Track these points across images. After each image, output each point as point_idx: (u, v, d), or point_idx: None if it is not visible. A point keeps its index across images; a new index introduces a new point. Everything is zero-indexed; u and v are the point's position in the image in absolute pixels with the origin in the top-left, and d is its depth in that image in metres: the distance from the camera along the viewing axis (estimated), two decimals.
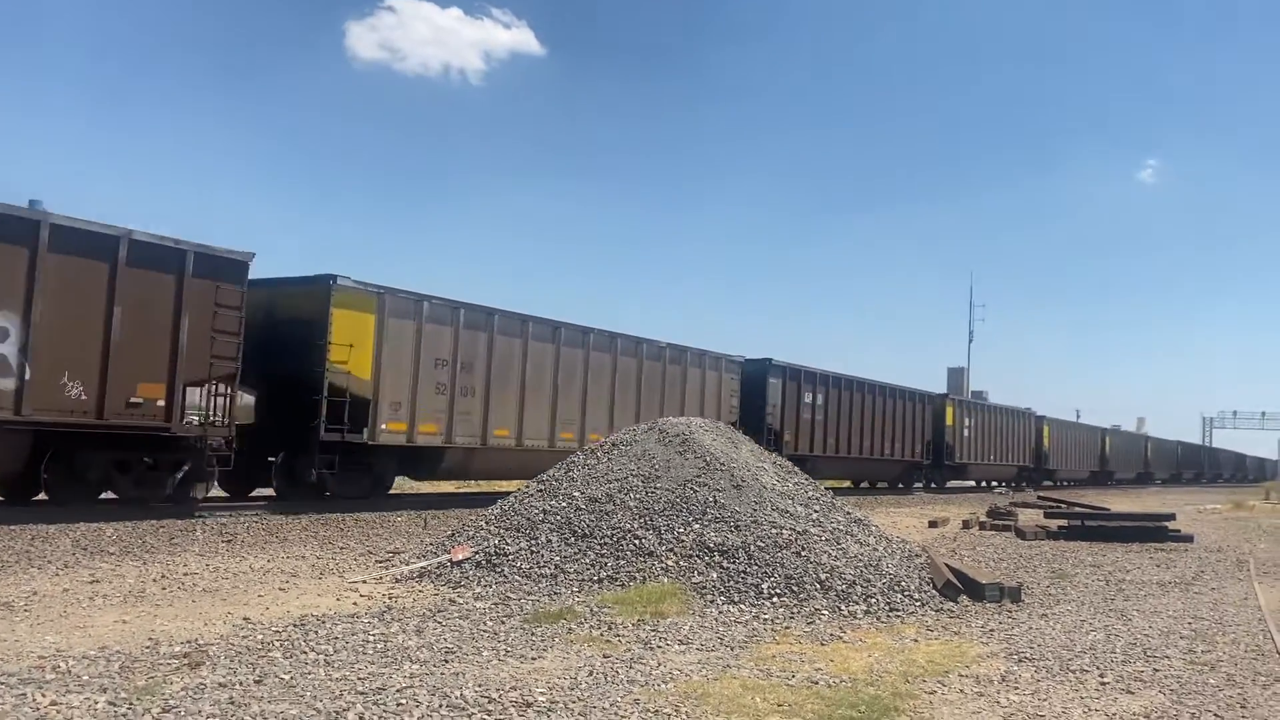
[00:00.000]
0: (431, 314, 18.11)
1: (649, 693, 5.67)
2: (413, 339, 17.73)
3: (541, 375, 20.42)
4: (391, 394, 17.41)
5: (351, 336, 16.58)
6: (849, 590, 8.92)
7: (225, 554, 11.09)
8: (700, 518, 9.91)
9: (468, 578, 9.36)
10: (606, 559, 9.45)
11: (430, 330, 18.03)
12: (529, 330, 20.14)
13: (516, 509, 10.60)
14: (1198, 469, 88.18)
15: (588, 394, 21.55)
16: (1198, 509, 31.09)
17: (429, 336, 18.00)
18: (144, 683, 5.38)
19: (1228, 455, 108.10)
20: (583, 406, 21.43)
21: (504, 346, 19.49)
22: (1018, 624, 8.49)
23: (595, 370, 21.82)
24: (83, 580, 8.91)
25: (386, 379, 17.23)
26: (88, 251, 13.24)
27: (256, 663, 5.96)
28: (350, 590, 8.94)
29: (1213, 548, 16.83)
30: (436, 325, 18.19)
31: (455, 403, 18.51)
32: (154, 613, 7.54)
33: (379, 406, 17.19)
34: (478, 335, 18.93)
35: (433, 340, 18.09)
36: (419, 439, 17.99)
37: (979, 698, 5.93)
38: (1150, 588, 11.37)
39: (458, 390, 18.52)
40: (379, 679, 5.68)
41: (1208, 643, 7.99)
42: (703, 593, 8.79)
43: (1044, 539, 16.98)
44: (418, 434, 17.92)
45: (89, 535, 11.69)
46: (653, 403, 23.13)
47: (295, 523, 14.40)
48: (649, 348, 23.72)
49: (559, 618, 7.68)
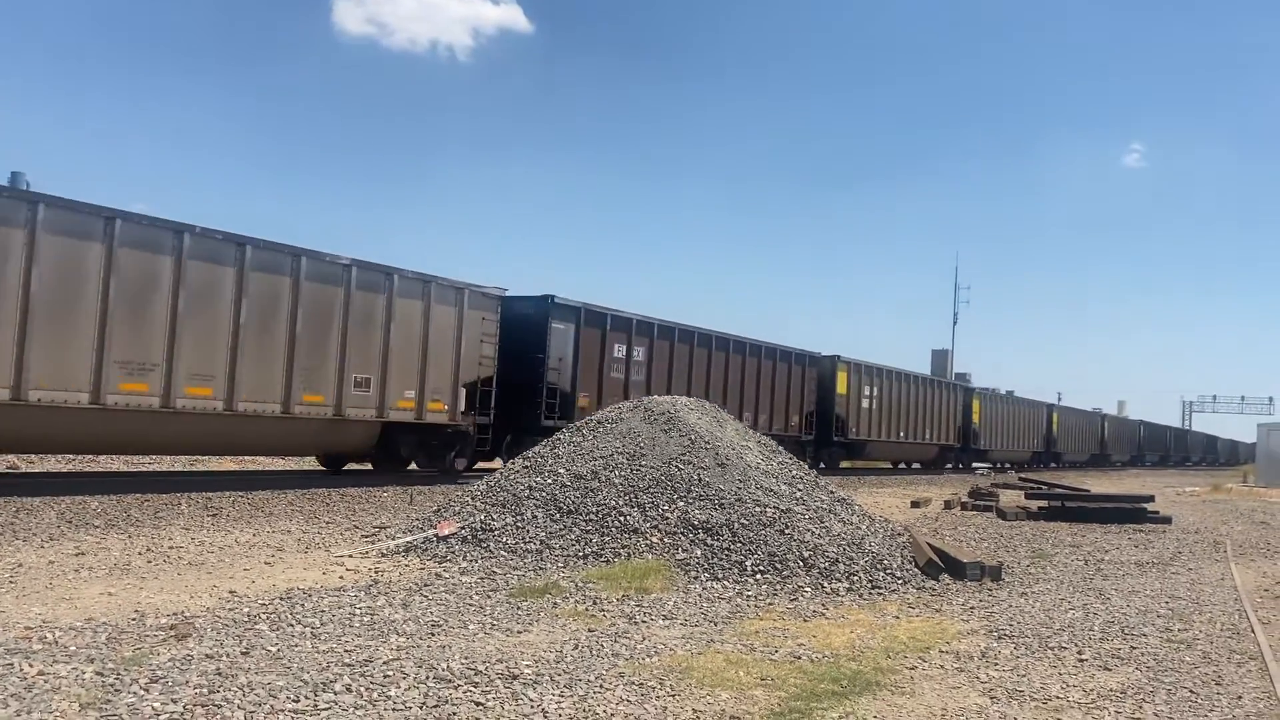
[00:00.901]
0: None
1: (634, 666, 5.73)
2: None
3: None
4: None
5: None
6: (832, 568, 9.00)
7: (211, 528, 11.10)
8: (685, 495, 9.97)
9: (453, 553, 9.41)
10: (592, 535, 9.51)
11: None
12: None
13: (502, 485, 10.64)
14: (1162, 451, 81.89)
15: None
16: (1176, 492, 31.43)
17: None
18: (131, 654, 5.41)
19: (1197, 437, 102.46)
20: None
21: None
22: (998, 602, 8.60)
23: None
24: (68, 553, 8.91)
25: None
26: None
27: (243, 635, 5.99)
28: (336, 564, 8.97)
29: (1190, 529, 17.04)
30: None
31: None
32: (140, 585, 7.55)
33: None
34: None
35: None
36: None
37: (959, 673, 6.01)
38: (1129, 568, 11.51)
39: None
40: (366, 651, 5.72)
41: (1184, 622, 8.11)
42: (687, 569, 8.86)
43: (1025, 519, 17.15)
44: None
45: (74, 508, 11.67)
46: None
47: (281, 497, 14.40)
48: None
49: (544, 592, 7.73)
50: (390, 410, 17.43)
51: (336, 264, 16.48)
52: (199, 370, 14.52)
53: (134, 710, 4.44)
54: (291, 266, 15.73)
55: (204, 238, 14.56)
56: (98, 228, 13.34)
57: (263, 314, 15.36)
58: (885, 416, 34.37)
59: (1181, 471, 69.00)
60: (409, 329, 17.68)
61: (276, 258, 15.55)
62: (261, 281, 15.29)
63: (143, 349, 13.84)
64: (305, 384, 15.94)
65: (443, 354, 18.37)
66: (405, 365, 17.66)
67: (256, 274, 15.18)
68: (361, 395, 16.91)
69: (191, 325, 14.36)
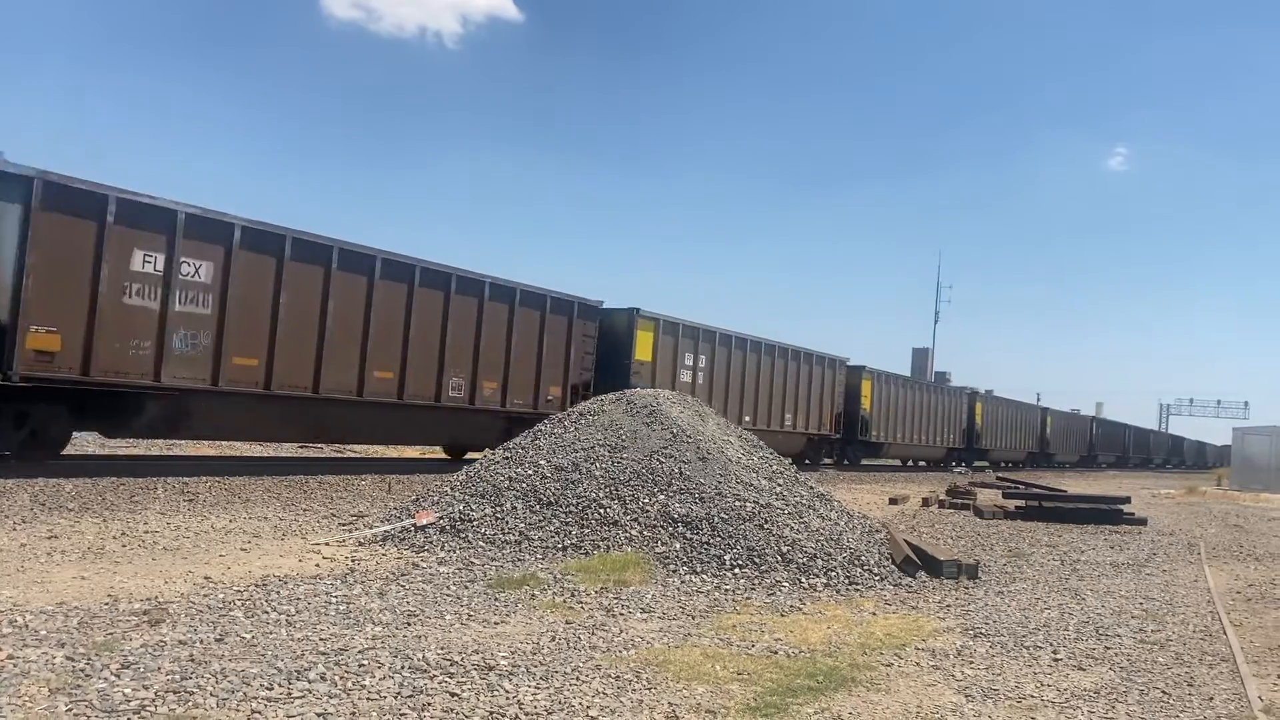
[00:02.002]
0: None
1: (610, 659, 5.72)
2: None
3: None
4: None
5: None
6: (810, 563, 9.02)
7: (186, 513, 11.01)
8: (665, 489, 9.96)
9: (431, 542, 9.37)
10: (571, 527, 9.49)
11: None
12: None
13: (482, 475, 10.60)
14: (1119, 452, 76.75)
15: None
16: (1152, 494, 31.69)
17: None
18: (103, 639, 5.35)
19: (1161, 438, 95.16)
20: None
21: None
22: (974, 600, 8.63)
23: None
24: (40, 535, 8.82)
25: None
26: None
27: (218, 621, 5.94)
28: (313, 552, 8.91)
29: (1165, 531, 17.17)
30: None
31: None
32: (113, 570, 7.48)
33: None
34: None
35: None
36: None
37: (935, 671, 6.03)
38: (1104, 568, 11.59)
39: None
40: (341, 640, 5.68)
41: (1158, 623, 8.17)
42: (666, 562, 8.85)
43: (1002, 519, 17.24)
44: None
45: (48, 491, 11.56)
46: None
47: (258, 483, 14.31)
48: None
49: (522, 584, 7.71)
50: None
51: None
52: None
53: (104, 696, 4.39)
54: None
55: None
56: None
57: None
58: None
59: (1158, 474, 69.63)
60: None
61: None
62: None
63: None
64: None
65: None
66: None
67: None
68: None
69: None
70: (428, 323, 18.61)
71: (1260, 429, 42.27)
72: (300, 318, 16.34)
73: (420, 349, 18.44)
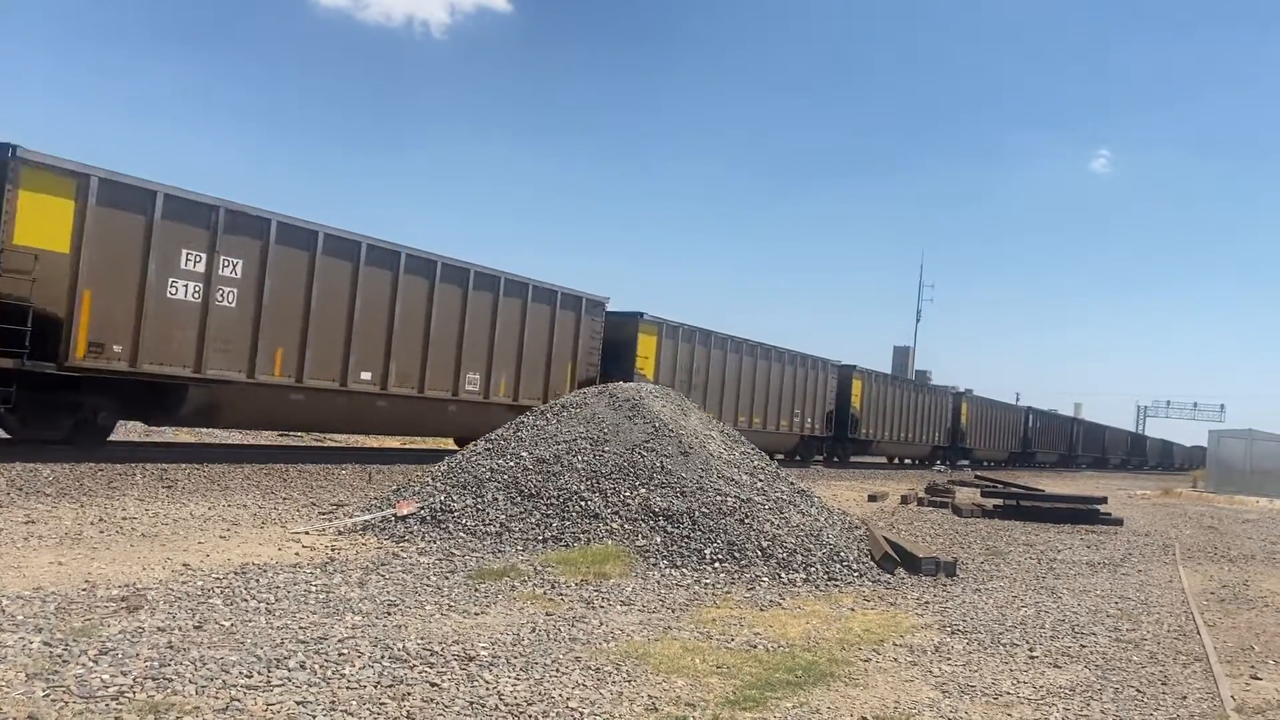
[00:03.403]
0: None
1: (590, 651, 5.73)
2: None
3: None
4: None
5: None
6: (789, 559, 9.05)
7: (165, 499, 10.95)
8: (647, 482, 9.97)
9: (412, 533, 9.35)
10: (552, 519, 9.49)
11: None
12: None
13: (464, 466, 10.59)
14: (1098, 452, 73.10)
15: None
16: (1129, 494, 31.95)
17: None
18: (80, 624, 5.32)
19: (1117, 434, 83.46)
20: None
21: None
22: (952, 597, 8.69)
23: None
24: (17, 520, 8.75)
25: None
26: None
27: (196, 608, 5.92)
28: (292, 540, 8.88)
29: (1141, 531, 17.33)
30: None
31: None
32: (91, 555, 7.44)
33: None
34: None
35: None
36: None
37: (912, 667, 6.07)
38: (1080, 567, 11.68)
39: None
40: (321, 629, 5.67)
41: (1133, 622, 8.25)
42: (646, 556, 8.87)
43: (980, 517, 17.34)
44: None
45: (25, 475, 11.45)
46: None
47: (237, 471, 14.24)
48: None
49: (503, 575, 7.71)
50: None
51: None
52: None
53: (82, 681, 4.37)
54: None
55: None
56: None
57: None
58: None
59: (1135, 475, 70.16)
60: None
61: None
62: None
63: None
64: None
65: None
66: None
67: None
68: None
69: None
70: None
71: (1236, 432, 42.68)
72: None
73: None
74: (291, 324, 15.97)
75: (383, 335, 17.48)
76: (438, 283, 18.51)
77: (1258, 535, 18.51)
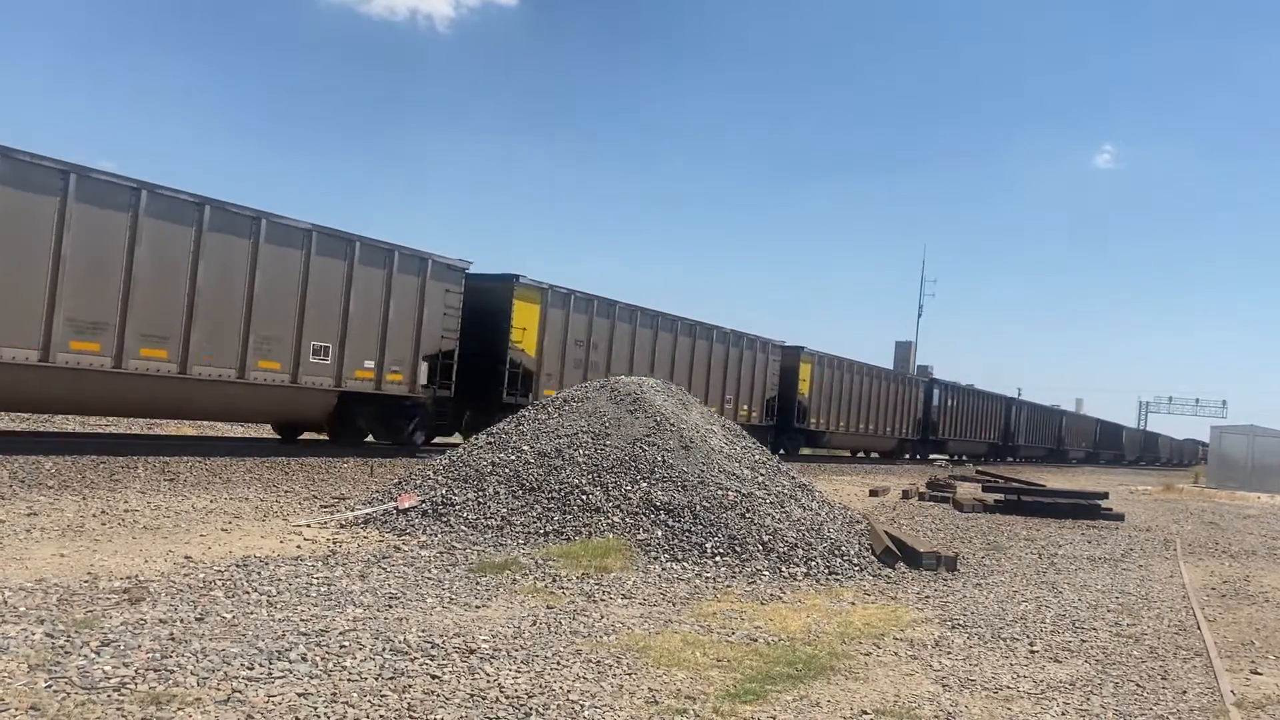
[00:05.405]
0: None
1: (591, 644, 5.75)
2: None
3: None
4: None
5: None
6: (790, 553, 9.06)
7: (167, 492, 10.97)
8: (648, 476, 9.98)
9: (413, 526, 9.36)
10: (553, 513, 9.50)
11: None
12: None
13: (465, 460, 10.60)
14: (1052, 443, 63.33)
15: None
16: (1129, 490, 31.96)
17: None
18: (82, 616, 5.34)
19: (1086, 422, 74.48)
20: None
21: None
22: (953, 592, 8.70)
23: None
24: (20, 512, 8.77)
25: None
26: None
27: (198, 601, 5.93)
28: (294, 533, 8.90)
29: (1142, 527, 17.33)
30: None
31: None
32: (93, 548, 7.45)
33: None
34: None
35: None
36: None
37: (913, 661, 6.08)
38: (1081, 562, 11.69)
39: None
40: (322, 621, 5.68)
41: (1134, 617, 8.26)
42: (647, 549, 8.88)
43: (981, 512, 17.35)
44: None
45: (27, 467, 11.47)
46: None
47: (239, 464, 14.26)
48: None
49: (504, 568, 7.72)
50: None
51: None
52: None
53: (84, 673, 4.38)
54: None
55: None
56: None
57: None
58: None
59: (1136, 470, 69.79)
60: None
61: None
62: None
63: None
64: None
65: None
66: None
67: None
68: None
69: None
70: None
71: (1238, 428, 42.65)
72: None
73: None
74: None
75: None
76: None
77: (1258, 531, 18.52)
